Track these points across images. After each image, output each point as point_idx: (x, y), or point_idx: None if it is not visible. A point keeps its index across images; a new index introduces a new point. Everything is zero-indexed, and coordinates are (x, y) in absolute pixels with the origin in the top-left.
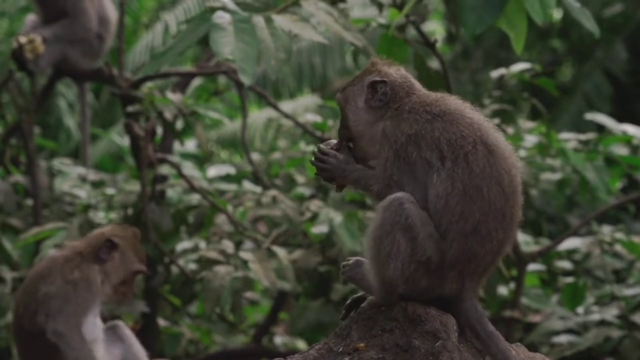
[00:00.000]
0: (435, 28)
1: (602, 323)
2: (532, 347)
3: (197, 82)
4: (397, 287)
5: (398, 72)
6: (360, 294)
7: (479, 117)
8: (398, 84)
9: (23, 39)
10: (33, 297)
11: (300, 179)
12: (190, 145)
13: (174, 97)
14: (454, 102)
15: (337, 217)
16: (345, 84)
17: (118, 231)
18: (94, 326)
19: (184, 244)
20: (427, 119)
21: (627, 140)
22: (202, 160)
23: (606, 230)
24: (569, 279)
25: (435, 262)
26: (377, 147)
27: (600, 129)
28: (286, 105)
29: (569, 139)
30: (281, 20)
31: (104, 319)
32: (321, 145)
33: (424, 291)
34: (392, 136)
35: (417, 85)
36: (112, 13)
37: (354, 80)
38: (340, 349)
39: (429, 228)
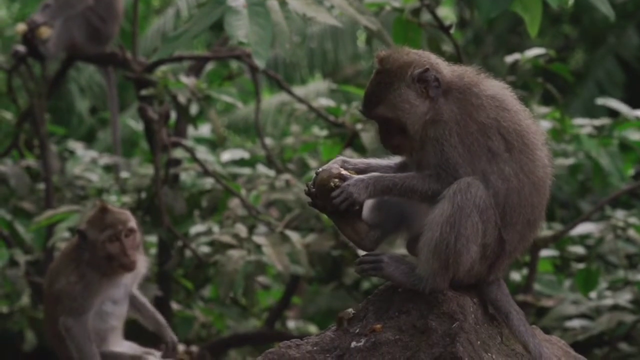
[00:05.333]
0: (446, 14)
1: (615, 308)
2: (545, 332)
3: (209, 67)
4: (459, 273)
5: (418, 54)
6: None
7: (519, 103)
8: (436, 66)
9: (22, 27)
10: (50, 289)
11: (313, 163)
12: (204, 129)
13: (187, 81)
14: (496, 83)
15: None
16: (374, 96)
17: (86, 217)
18: (108, 315)
19: (197, 228)
20: (494, 107)
21: None
22: (216, 144)
23: (619, 214)
24: (582, 264)
25: (492, 249)
26: (441, 132)
27: (612, 114)
28: (298, 91)
29: (583, 124)
30: (295, 4)
31: None
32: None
33: (471, 277)
34: (462, 122)
35: (437, 57)
36: None
37: (385, 86)
38: (357, 330)
39: (493, 213)
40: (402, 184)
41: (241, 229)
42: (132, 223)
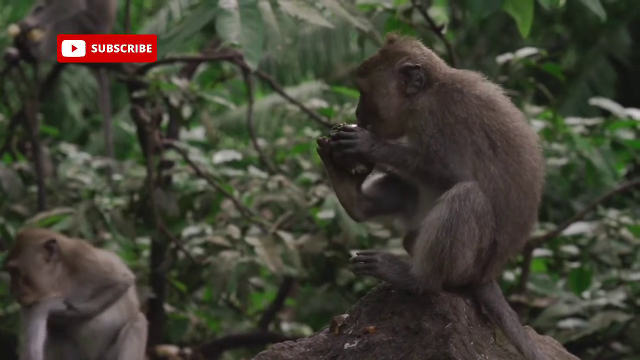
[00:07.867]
0: (438, 14)
1: (609, 307)
2: (539, 332)
3: (201, 68)
4: (453, 276)
5: (422, 50)
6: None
7: (512, 105)
8: (430, 67)
9: (15, 29)
10: None
11: (306, 164)
12: (197, 132)
13: (180, 83)
14: (488, 85)
15: None
16: (365, 66)
17: None
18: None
19: (190, 230)
20: (477, 105)
21: (632, 125)
22: (209, 147)
23: (612, 214)
24: (575, 264)
25: (486, 251)
26: (418, 123)
27: (605, 114)
28: (290, 92)
29: (575, 124)
30: (287, 5)
31: None
32: (344, 124)
33: (464, 279)
34: (439, 114)
35: (439, 59)
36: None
37: (376, 63)
38: (350, 332)
39: (490, 218)
40: (399, 154)
41: (234, 231)
42: (16, 262)
